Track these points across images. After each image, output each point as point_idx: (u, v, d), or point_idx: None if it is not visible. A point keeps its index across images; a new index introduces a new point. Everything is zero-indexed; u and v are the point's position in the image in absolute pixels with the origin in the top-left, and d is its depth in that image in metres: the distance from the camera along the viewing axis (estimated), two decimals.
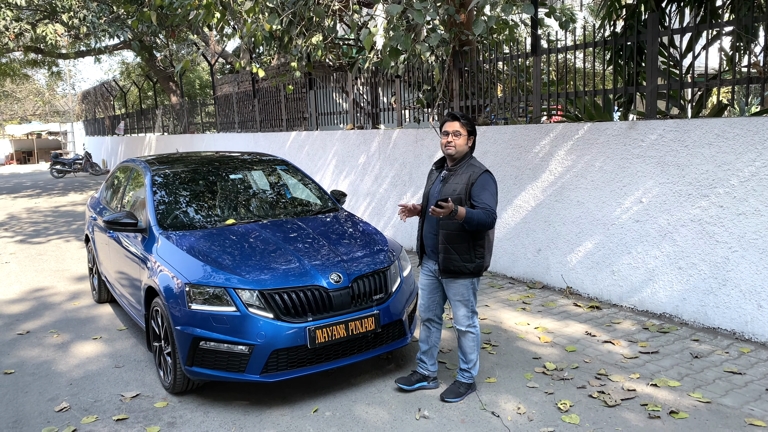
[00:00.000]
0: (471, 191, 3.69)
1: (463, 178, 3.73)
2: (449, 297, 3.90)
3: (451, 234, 3.72)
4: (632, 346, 4.68)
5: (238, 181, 5.68)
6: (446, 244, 3.74)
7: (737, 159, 4.61)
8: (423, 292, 4.03)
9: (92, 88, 32.33)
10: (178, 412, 3.91)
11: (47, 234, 10.96)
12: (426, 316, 4.04)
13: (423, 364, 4.10)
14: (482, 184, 3.71)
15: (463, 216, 3.54)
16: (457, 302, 3.86)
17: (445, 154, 3.84)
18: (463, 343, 3.93)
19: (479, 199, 3.67)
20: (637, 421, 3.56)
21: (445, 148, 3.80)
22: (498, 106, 7.33)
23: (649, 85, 5.37)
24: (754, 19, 4.83)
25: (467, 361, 3.95)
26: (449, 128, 3.79)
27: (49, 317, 6.00)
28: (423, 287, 4.02)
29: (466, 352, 3.93)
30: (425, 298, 4.01)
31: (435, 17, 6.09)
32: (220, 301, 3.82)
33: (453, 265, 3.74)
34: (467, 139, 3.81)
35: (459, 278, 3.79)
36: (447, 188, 3.76)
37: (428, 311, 4.02)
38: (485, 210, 3.63)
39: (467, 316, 3.87)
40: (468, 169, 3.77)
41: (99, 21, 15.83)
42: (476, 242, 3.74)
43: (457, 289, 3.83)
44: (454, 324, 3.93)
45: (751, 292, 4.60)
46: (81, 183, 21.89)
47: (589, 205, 5.75)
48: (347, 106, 10.11)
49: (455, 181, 3.76)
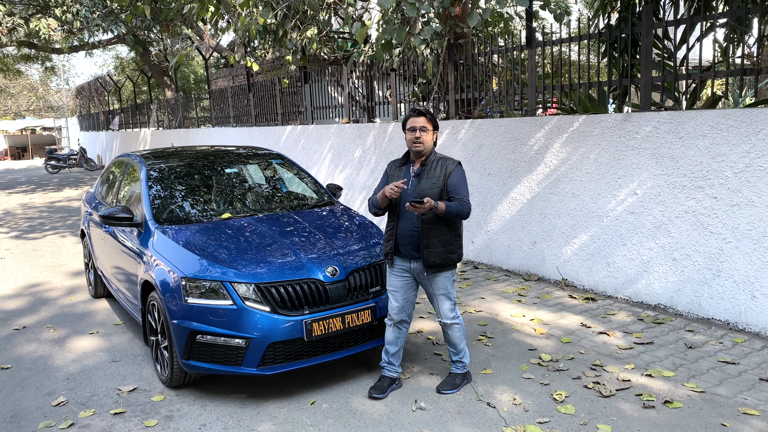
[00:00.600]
0: (448, 184, 3.72)
1: (438, 172, 3.74)
2: (432, 292, 3.86)
3: (435, 228, 3.71)
4: (627, 337, 4.71)
5: (233, 175, 5.67)
6: (431, 239, 3.71)
7: (731, 150, 4.63)
8: (396, 294, 3.89)
9: (86, 83, 32.19)
10: (175, 405, 3.92)
11: (42, 230, 10.93)
12: (399, 318, 3.91)
13: (391, 366, 4.01)
14: (459, 176, 3.77)
15: (443, 210, 3.59)
16: (442, 296, 3.84)
17: (413, 150, 3.77)
18: (451, 335, 3.93)
19: (457, 192, 3.72)
20: (632, 411, 3.59)
21: (414, 144, 3.74)
22: (493, 99, 7.34)
23: (643, 77, 5.38)
24: (748, 10, 4.84)
25: (458, 351, 3.97)
26: (416, 124, 3.73)
27: (45, 312, 6.00)
28: (396, 289, 3.89)
29: (455, 343, 3.94)
30: (399, 299, 3.89)
31: (429, 10, 6.09)
32: (216, 294, 3.83)
33: (440, 258, 3.74)
34: (433, 134, 3.79)
35: (443, 271, 3.79)
36: (425, 184, 3.73)
37: (402, 312, 3.90)
38: (461, 201, 3.70)
39: (451, 308, 3.88)
40: (440, 163, 3.77)
41: (92, 15, 15.73)
42: (456, 233, 3.81)
43: (441, 283, 3.82)
44: (440, 319, 3.90)
45: (745, 282, 4.63)
46: (76, 178, 21.82)
47: (584, 198, 5.77)
48: (342, 99, 10.10)
49: (431, 176, 3.74)
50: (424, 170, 3.77)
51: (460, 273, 6.75)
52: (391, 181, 3.85)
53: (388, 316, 3.97)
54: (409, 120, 3.78)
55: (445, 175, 3.73)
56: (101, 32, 16.43)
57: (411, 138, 3.74)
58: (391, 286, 3.92)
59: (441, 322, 3.91)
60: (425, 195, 3.67)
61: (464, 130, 7.15)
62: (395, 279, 3.90)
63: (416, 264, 3.80)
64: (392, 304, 3.92)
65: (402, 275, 3.88)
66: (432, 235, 3.71)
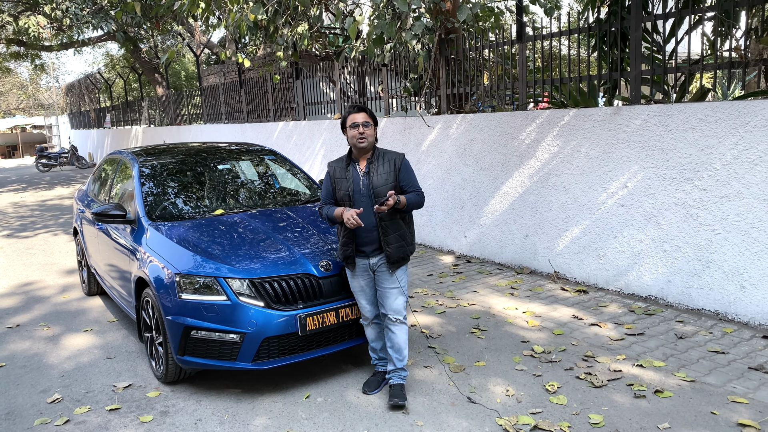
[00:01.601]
0: (400, 178, 3.71)
1: (387, 167, 3.70)
2: (388, 288, 3.73)
3: (393, 223, 3.68)
4: (618, 328, 4.76)
5: (226, 171, 5.68)
6: (393, 234, 3.68)
7: (720, 143, 4.68)
8: (363, 293, 3.82)
9: (76, 80, 31.96)
10: (170, 401, 3.94)
11: (34, 228, 10.89)
12: (374, 314, 3.85)
13: (383, 361, 3.98)
14: (408, 168, 3.77)
15: (405, 203, 3.63)
16: (397, 291, 3.73)
17: (357, 147, 3.68)
18: (399, 337, 3.76)
19: (410, 184, 3.74)
20: (624, 401, 3.64)
21: (358, 141, 3.65)
22: (485, 94, 7.36)
23: (633, 71, 5.42)
24: (735, 4, 4.88)
25: (402, 357, 3.78)
26: (358, 119, 3.66)
27: (38, 310, 5.99)
28: (361, 288, 3.81)
29: (401, 347, 3.76)
30: (368, 296, 3.82)
31: (420, 5, 6.10)
32: (210, 290, 3.85)
33: (402, 251, 3.71)
34: (374, 129, 3.73)
35: (402, 264, 3.76)
36: (377, 181, 3.66)
37: (374, 308, 3.84)
38: (417, 192, 3.75)
39: (404, 305, 3.78)
40: (386, 157, 3.74)
41: (82, 12, 15.64)
42: (410, 226, 3.83)
43: (400, 276, 3.75)
44: (392, 315, 3.73)
45: (734, 273, 4.69)
46: (67, 177, 21.71)
47: (575, 191, 5.81)
48: (334, 95, 10.10)
49: (381, 171, 3.68)
50: (372, 167, 3.70)
51: (453, 267, 6.79)
52: (337, 183, 3.76)
53: (361, 317, 3.91)
54: (349, 117, 3.70)
55: (396, 170, 3.70)
56: (91, 29, 16.34)
57: (354, 134, 3.66)
58: (357, 287, 3.84)
59: (390, 319, 3.74)
60: (379, 192, 3.63)
61: (456, 125, 7.18)
62: (359, 279, 3.81)
63: (375, 258, 3.73)
64: (362, 304, 3.85)
65: (364, 274, 3.79)
66: (391, 231, 3.67)
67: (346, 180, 3.72)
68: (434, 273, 6.60)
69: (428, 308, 5.44)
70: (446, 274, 6.53)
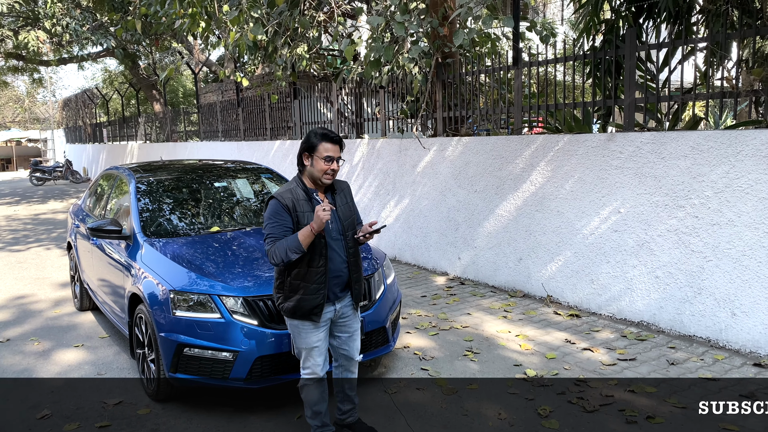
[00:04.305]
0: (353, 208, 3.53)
1: (346, 198, 3.46)
2: (355, 330, 3.48)
3: (358, 258, 3.46)
4: (611, 353, 4.77)
5: (222, 188, 5.71)
6: (358, 271, 3.44)
7: (711, 171, 4.74)
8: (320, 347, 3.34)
9: (73, 95, 32.09)
10: (161, 419, 3.91)
11: (27, 242, 10.84)
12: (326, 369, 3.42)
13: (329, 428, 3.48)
14: (352, 196, 3.56)
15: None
16: (357, 332, 3.51)
17: (323, 181, 3.28)
18: (354, 376, 3.54)
19: (357, 212, 3.55)
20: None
21: (326, 176, 3.26)
22: (480, 118, 7.45)
23: (627, 98, 5.51)
24: (727, 35, 4.99)
25: (354, 400, 3.58)
26: (334, 153, 3.24)
27: (29, 325, 5.95)
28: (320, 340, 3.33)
29: (354, 385, 3.56)
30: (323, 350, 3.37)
31: (417, 30, 6.19)
32: (204, 308, 3.84)
33: (363, 288, 3.53)
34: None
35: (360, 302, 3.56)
36: (343, 212, 3.38)
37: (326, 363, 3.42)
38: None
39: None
40: (339, 187, 3.45)
41: (82, 29, 15.76)
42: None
43: (358, 317, 3.53)
44: (357, 357, 3.51)
45: (725, 300, 4.72)
46: (61, 191, 21.66)
47: (568, 215, 5.85)
48: (332, 115, 10.17)
49: (342, 202, 3.41)
50: (335, 198, 3.39)
51: (447, 289, 6.80)
52: (300, 217, 3.21)
53: (309, 374, 3.36)
54: (321, 147, 3.23)
55: (351, 199, 3.50)
56: (91, 45, 16.46)
57: (325, 168, 3.23)
58: (316, 341, 3.32)
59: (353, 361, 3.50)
60: (348, 224, 3.38)
61: (451, 148, 7.24)
62: (318, 332, 3.31)
63: (343, 302, 3.41)
64: (317, 362, 3.33)
65: (325, 325, 3.35)
66: (358, 267, 3.44)
67: (312, 213, 3.21)
68: (428, 294, 6.61)
69: (421, 330, 5.44)
70: (440, 295, 6.54)
